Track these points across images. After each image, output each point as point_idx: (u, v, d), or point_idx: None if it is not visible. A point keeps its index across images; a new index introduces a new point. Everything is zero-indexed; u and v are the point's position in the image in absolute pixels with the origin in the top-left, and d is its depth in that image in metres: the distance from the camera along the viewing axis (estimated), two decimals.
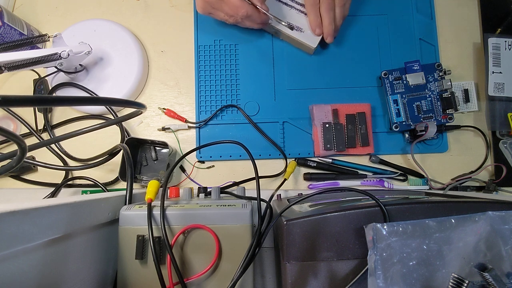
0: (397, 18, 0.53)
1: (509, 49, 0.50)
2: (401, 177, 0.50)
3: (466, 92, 0.51)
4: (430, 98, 0.49)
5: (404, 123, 0.49)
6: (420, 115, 0.49)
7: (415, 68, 0.49)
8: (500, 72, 0.50)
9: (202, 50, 0.53)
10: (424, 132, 0.47)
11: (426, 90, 0.49)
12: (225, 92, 0.52)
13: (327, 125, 0.49)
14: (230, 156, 0.50)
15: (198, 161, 0.51)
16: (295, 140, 0.51)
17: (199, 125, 0.51)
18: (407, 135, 0.50)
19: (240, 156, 0.50)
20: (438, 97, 0.49)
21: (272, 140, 0.50)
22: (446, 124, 0.49)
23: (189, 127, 0.51)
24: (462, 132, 0.51)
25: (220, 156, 0.51)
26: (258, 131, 0.51)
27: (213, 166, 0.51)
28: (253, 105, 0.52)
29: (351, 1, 0.49)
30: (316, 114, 0.49)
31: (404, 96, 0.50)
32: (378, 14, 0.53)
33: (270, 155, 0.50)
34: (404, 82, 0.50)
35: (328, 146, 0.48)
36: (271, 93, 0.52)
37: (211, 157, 0.51)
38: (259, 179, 0.37)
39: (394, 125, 0.49)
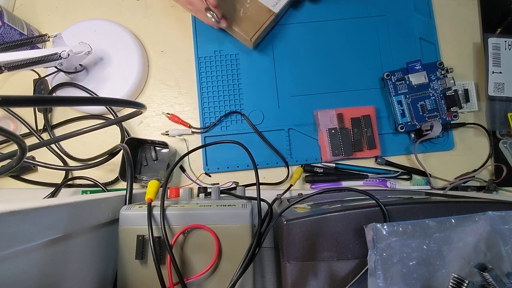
0: (396, 18, 0.53)
1: (509, 49, 0.50)
2: (405, 176, 0.50)
3: (466, 92, 0.51)
4: (433, 97, 0.49)
5: (409, 123, 0.49)
6: (425, 114, 0.49)
7: (417, 67, 0.50)
8: (500, 72, 0.50)
9: (203, 61, 0.53)
10: (429, 131, 0.47)
11: (430, 89, 0.49)
12: (228, 102, 0.52)
13: (333, 131, 0.49)
14: (238, 166, 0.50)
15: (205, 173, 0.50)
16: (301, 147, 0.51)
17: (203, 130, 0.51)
18: (413, 135, 0.50)
19: (248, 166, 0.50)
20: (441, 95, 0.49)
21: (273, 147, 0.50)
22: (451, 122, 0.49)
23: (193, 132, 0.51)
24: (466, 130, 0.51)
25: (228, 167, 0.50)
26: (262, 139, 0.50)
27: (217, 183, 0.50)
28: (257, 114, 0.51)
29: None
30: (321, 120, 0.49)
31: (407, 96, 0.50)
32: (376, 15, 0.53)
33: (277, 163, 0.50)
34: (407, 82, 0.50)
35: (336, 151, 0.48)
36: (275, 101, 0.52)
37: (218, 168, 0.50)
38: (260, 185, 0.36)
39: (400, 126, 0.49)
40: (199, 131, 0.51)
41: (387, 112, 0.51)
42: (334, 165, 0.50)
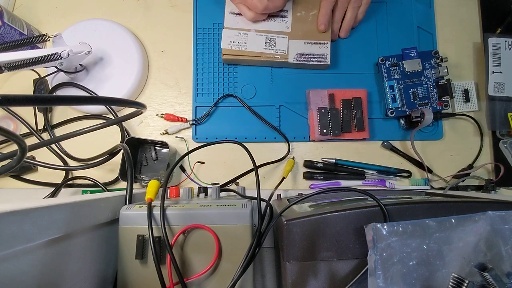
0: (395, 5, 0.53)
1: (509, 49, 0.50)
2: (405, 174, 0.50)
3: (466, 92, 0.51)
4: (426, 85, 0.49)
5: (399, 109, 0.49)
6: (416, 101, 0.49)
7: (412, 54, 0.50)
8: (500, 72, 0.50)
9: (201, 33, 0.53)
10: (419, 119, 0.47)
11: (423, 77, 0.50)
12: (222, 75, 0.52)
13: (323, 110, 0.49)
14: (226, 138, 0.51)
15: (198, 162, 0.51)
16: (291, 124, 0.51)
17: (199, 121, 0.51)
18: (402, 122, 0.51)
19: (236, 138, 0.50)
20: (434, 84, 0.49)
21: (272, 125, 0.50)
22: (442, 111, 0.49)
23: (191, 125, 0.52)
24: (457, 120, 0.52)
25: (216, 138, 0.51)
26: (255, 116, 0.51)
27: (217, 183, 0.50)
28: (250, 88, 0.52)
29: (367, 6, 0.50)
30: (313, 99, 0.49)
31: (400, 82, 0.50)
32: (377, 1, 0.53)
33: (265, 138, 0.51)
34: (401, 68, 0.50)
35: (324, 131, 0.49)
36: (268, 77, 0.52)
37: (206, 138, 0.51)
38: (257, 168, 0.37)
39: (390, 110, 0.49)
40: (195, 122, 0.51)
41: (378, 97, 0.52)
42: (334, 160, 0.50)
